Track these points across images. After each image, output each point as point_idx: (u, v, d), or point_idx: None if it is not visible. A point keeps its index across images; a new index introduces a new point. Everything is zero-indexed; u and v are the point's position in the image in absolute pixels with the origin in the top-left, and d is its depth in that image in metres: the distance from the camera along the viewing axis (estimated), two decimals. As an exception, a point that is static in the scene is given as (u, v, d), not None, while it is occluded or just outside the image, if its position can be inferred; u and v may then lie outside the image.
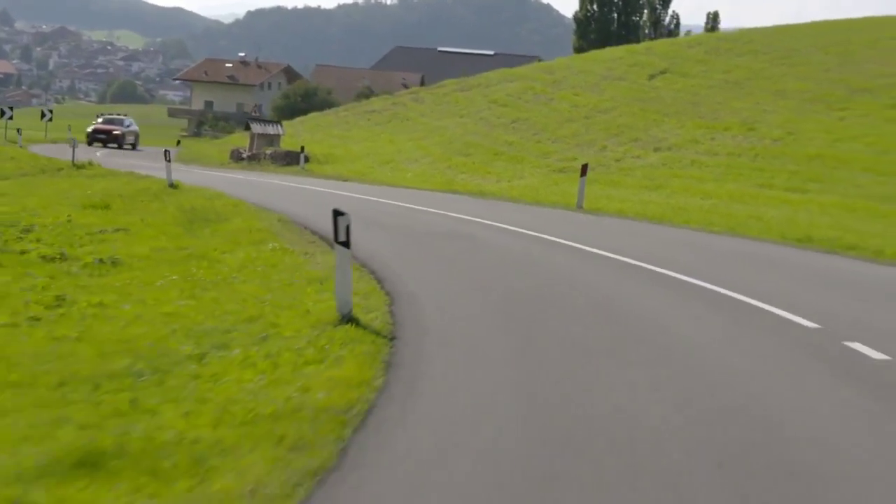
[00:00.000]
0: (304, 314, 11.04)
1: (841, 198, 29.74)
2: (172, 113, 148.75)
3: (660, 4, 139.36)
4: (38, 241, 19.75)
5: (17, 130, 57.24)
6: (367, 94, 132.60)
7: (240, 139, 61.72)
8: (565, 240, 19.42)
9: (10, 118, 58.94)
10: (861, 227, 23.73)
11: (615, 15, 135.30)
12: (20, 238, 20.05)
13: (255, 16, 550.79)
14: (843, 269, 17.23)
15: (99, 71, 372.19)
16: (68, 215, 23.67)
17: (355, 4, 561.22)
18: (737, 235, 22.55)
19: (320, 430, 6.64)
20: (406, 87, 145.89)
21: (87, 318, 11.62)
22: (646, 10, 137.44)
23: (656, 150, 40.18)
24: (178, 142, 73.26)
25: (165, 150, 33.45)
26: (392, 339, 9.73)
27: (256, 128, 51.73)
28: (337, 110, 68.24)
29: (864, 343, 10.14)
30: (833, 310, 12.35)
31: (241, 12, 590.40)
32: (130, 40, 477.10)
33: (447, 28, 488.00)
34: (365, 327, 10.10)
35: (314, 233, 19.76)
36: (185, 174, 35.84)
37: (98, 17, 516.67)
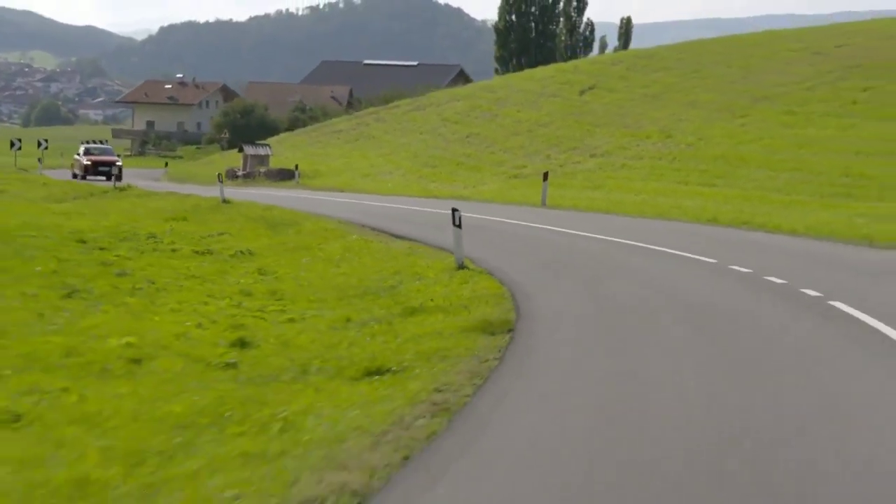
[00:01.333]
0: (428, 268, 19.23)
1: (741, 190, 38.63)
2: (116, 134, 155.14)
3: (575, 12, 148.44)
4: (172, 243, 27.66)
5: (39, 160, 64.58)
6: (301, 108, 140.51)
7: (229, 159, 69.16)
8: (548, 225, 27.97)
9: (19, 149, 66.03)
10: (754, 210, 32.50)
11: (533, 24, 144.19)
12: (158, 242, 27.94)
13: (168, 31, 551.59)
14: (735, 237, 25.87)
15: (18, 93, 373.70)
16: (170, 226, 31.52)
17: (266, 16, 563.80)
18: (663, 219, 31.18)
19: (499, 299, 14.89)
20: (336, 99, 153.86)
21: (301, 275, 19.89)
22: (562, 19, 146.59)
23: (592, 156, 49.01)
24: (166, 164, 79.58)
25: (219, 174, 41.33)
26: (490, 272, 17.98)
27: (249, 149, 59.79)
28: (307, 130, 76.25)
29: (737, 266, 18.55)
30: (726, 255, 20.82)
31: (153, 28, 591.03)
32: (45, 61, 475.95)
33: (359, 37, 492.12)
34: (472, 270, 18.34)
35: (372, 228, 27.93)
36: (207, 191, 43.76)
37: (10, 39, 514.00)
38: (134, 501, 6.36)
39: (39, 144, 71.85)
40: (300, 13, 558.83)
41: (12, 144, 70.15)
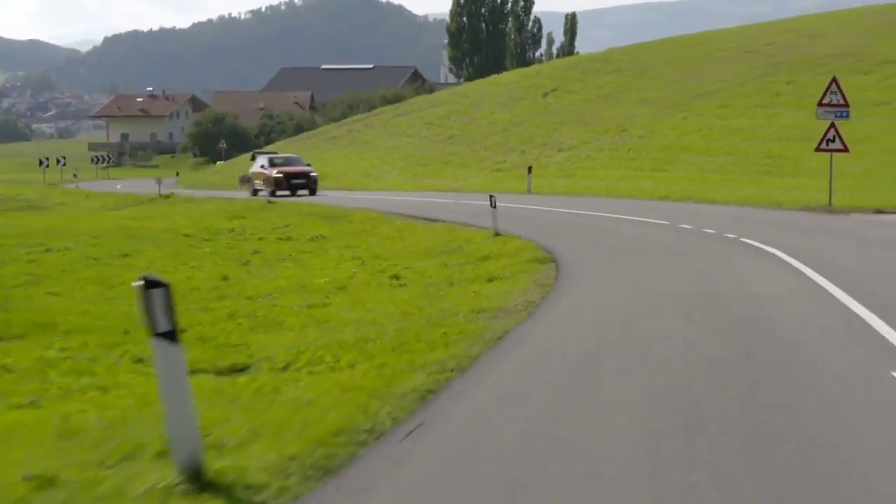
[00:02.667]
0: (472, 236, 27.85)
1: (685, 173, 47.66)
2: (93, 147, 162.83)
3: (522, 12, 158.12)
4: (254, 234, 36.11)
5: (74, 175, 72.43)
6: (269, 115, 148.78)
7: (234, 167, 77.05)
8: (539, 206, 36.79)
9: (48, 167, 73.79)
10: (695, 188, 41.48)
11: (484, 25, 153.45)
12: (241, 234, 36.37)
13: (113, 42, 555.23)
14: (682, 207, 34.76)
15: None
16: (239, 223, 39.94)
17: (209, 22, 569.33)
18: (626, 198, 40.04)
19: (534, 250, 23.53)
20: (299, 105, 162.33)
21: (379, 248, 28.52)
22: (510, 19, 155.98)
23: (560, 150, 57.99)
24: (177, 173, 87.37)
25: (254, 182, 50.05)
26: (517, 236, 26.61)
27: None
28: (302, 137, 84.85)
29: (684, 225, 27.38)
30: (676, 219, 29.60)
31: (97, 39, 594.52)
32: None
33: (302, 38, 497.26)
34: (505, 235, 26.96)
35: (406, 215, 36.56)
36: (233, 195, 52.21)
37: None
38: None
39: (59, 161, 79.36)
40: (243, 17, 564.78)
41: (41, 163, 77.00)
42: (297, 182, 51.54)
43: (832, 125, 31.25)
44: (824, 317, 12.07)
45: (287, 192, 50.50)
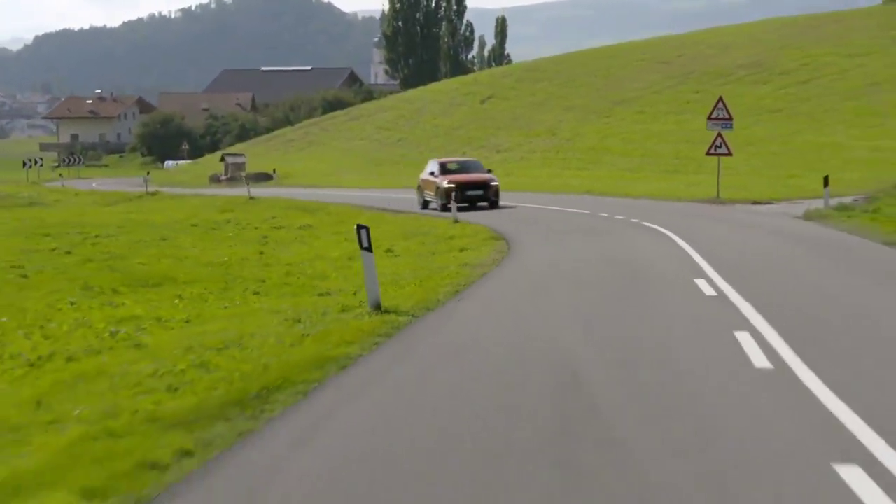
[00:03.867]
0: (436, 224, 35.55)
1: (606, 171, 55.75)
2: (44, 147, 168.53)
3: (455, 16, 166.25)
4: (248, 224, 43.54)
5: (60, 175, 79.08)
6: (214, 115, 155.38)
7: (203, 166, 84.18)
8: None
9: (31, 167, 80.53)
10: (614, 184, 49.54)
11: (418, 29, 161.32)
12: (237, 225, 43.77)
13: (43, 40, 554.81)
14: (601, 200, 42.73)
15: None
16: (231, 215, 47.33)
17: (140, 20, 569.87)
18: (556, 193, 47.97)
19: (487, 231, 31.30)
20: (241, 106, 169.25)
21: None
22: (444, 23, 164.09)
23: (497, 152, 65.96)
24: (148, 173, 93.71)
25: (245, 177, 57.28)
26: (472, 223, 34.34)
27: (229, 158, 75.45)
28: (260, 140, 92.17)
29: (602, 213, 35.31)
30: (596, 209, 37.47)
31: (27, 37, 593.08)
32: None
33: (234, 37, 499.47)
34: (463, 223, 34.67)
35: (374, 208, 44.19)
36: (205, 192, 59.47)
37: None
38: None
39: (36, 162, 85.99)
40: (173, 16, 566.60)
41: (24, 164, 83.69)
42: (473, 194, 40.79)
43: (719, 134, 39.35)
44: (676, 261, 20.01)
45: (464, 205, 39.94)
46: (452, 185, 40.36)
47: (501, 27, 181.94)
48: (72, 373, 11.68)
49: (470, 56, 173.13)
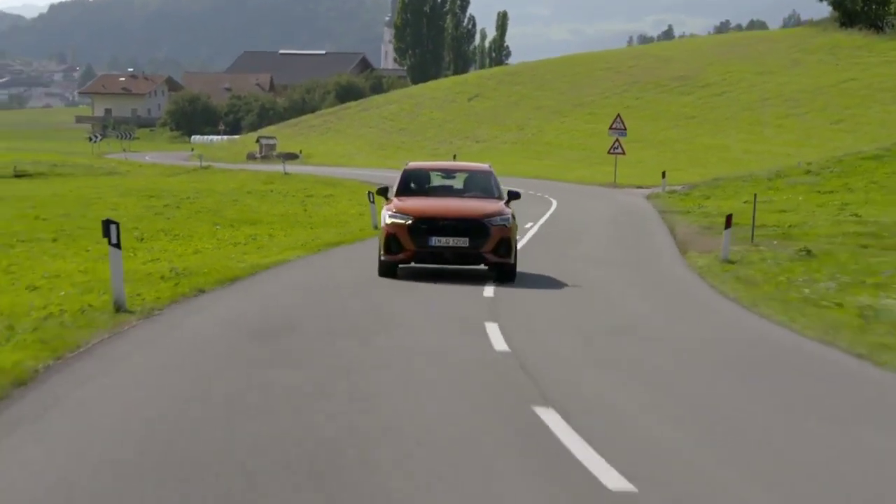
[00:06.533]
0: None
1: (558, 162, 73.21)
2: (80, 120, 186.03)
3: (459, 10, 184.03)
4: (288, 192, 60.88)
5: (123, 149, 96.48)
6: (237, 96, 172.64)
7: (240, 145, 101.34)
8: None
9: (98, 141, 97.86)
10: (563, 171, 66.97)
11: (425, 21, 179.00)
12: (280, 192, 61.14)
13: (58, 9, 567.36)
14: (549, 184, 60.28)
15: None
16: (272, 186, 64.70)
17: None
18: (514, 176, 65.46)
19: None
20: (260, 86, 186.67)
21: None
22: (448, 17, 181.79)
23: (477, 142, 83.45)
24: (192, 149, 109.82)
25: (282, 156, 74.75)
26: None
27: (263, 140, 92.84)
28: (284, 125, 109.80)
29: (532, 191, 52.76)
30: (533, 188, 54.91)
31: (42, 5, 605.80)
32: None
33: (244, 10, 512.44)
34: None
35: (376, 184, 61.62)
36: (245, 167, 76.94)
37: None
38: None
39: (98, 137, 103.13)
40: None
41: (90, 139, 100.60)
42: (449, 244, 19.36)
43: (617, 139, 56.88)
44: (537, 215, 37.46)
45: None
46: (403, 221, 19.29)
47: (502, 21, 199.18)
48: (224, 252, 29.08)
49: (472, 47, 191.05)
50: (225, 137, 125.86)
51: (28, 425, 7.97)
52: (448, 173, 22.96)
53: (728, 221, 24.25)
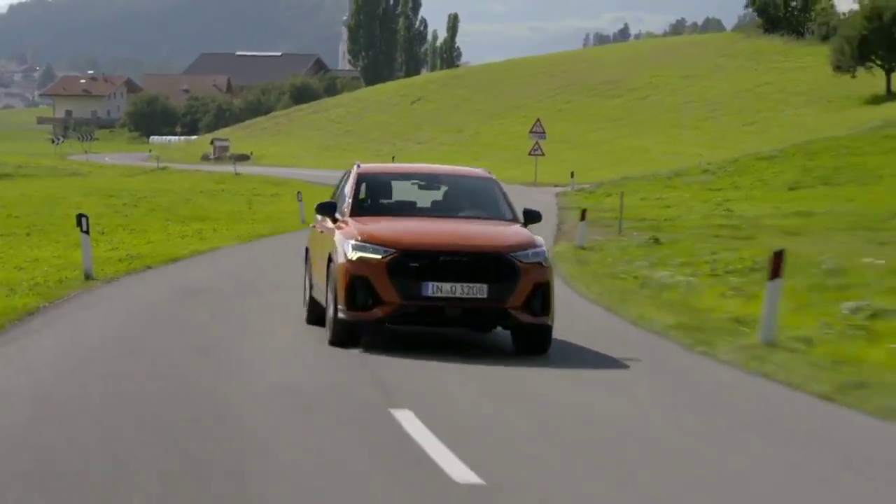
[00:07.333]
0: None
1: (488, 162, 78.25)
2: (41, 121, 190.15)
3: (411, 12, 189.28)
4: (236, 192, 66.02)
5: (85, 151, 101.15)
6: (195, 97, 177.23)
7: (195, 147, 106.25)
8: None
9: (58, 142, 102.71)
10: (496, 170, 72.47)
11: (378, 23, 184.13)
12: (230, 192, 66.26)
13: (18, 9, 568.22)
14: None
15: None
16: (224, 186, 69.79)
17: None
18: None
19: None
20: (217, 87, 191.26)
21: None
22: (401, 19, 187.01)
23: (417, 143, 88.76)
24: (150, 150, 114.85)
25: (232, 157, 79.58)
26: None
27: (217, 142, 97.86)
28: (238, 127, 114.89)
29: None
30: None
31: (1, 5, 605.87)
32: None
33: (203, 7, 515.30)
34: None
35: (322, 184, 66.81)
36: (198, 168, 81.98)
37: None
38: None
39: (59, 139, 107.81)
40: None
41: (53, 141, 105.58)
42: (455, 294, 12.74)
43: (536, 142, 62.32)
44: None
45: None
46: (378, 256, 12.75)
47: (453, 23, 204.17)
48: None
49: (423, 49, 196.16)
50: (182, 138, 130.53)
51: (34, 334, 13.36)
52: (429, 181, 15.69)
53: (583, 215, 29.61)
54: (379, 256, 12.49)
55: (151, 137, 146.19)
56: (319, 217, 15.03)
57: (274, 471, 7.38)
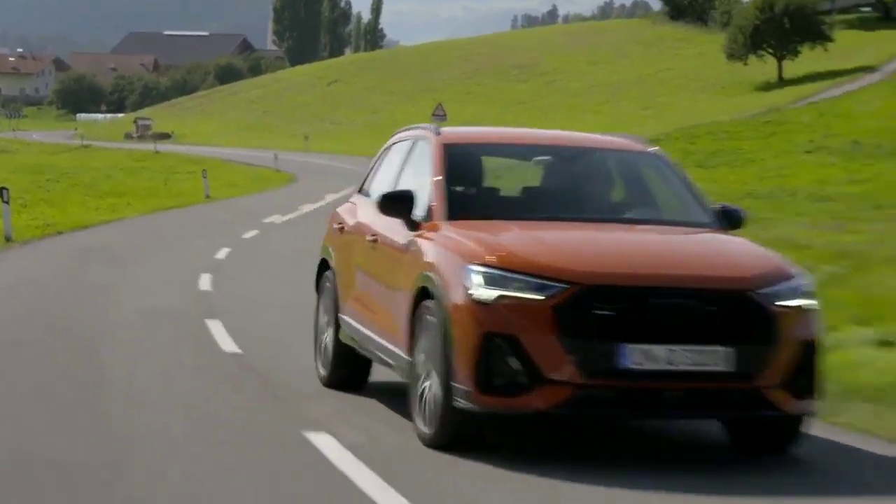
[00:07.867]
0: (269, 176, 61.84)
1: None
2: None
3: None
4: (155, 169, 69.26)
5: (13, 129, 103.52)
6: (122, 76, 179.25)
7: (118, 125, 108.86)
8: (311, 160, 71.27)
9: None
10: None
11: (303, 3, 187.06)
12: (150, 169, 69.50)
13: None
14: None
15: None
16: (144, 163, 73.04)
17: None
18: (354, 155, 74.54)
19: (291, 175, 57.67)
20: (144, 66, 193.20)
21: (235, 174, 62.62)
22: (325, 1, 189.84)
23: (332, 124, 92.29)
24: (76, 128, 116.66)
25: (154, 136, 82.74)
26: (288, 172, 60.70)
27: (140, 121, 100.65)
28: (163, 106, 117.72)
29: (351, 166, 62.01)
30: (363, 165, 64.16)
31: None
32: None
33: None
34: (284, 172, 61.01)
35: (240, 162, 70.25)
36: (122, 146, 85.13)
37: None
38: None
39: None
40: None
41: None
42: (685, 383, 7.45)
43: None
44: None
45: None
46: (542, 297, 7.18)
47: (377, 4, 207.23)
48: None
49: (347, 29, 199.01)
50: (108, 117, 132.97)
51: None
52: (563, 157, 8.96)
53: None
54: (541, 297, 7.20)
55: (78, 115, 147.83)
56: (366, 216, 9.31)
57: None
